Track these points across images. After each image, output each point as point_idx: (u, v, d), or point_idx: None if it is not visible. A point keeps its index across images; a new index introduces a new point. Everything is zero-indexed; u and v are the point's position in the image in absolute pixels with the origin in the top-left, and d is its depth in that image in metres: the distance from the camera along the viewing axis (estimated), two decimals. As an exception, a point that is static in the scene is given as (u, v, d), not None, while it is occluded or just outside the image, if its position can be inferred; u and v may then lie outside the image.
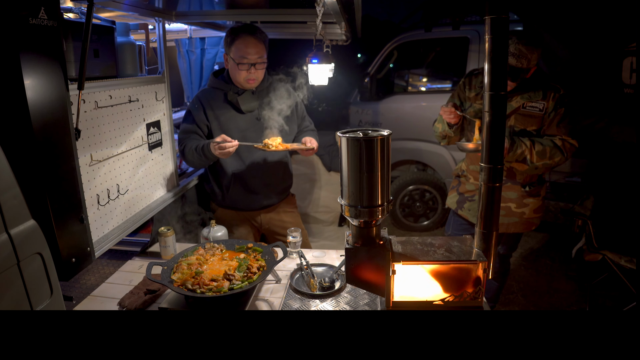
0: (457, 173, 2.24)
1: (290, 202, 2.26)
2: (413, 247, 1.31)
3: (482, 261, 1.22)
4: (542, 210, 2.09)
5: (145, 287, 1.59)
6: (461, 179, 2.19)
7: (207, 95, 2.03)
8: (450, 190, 2.27)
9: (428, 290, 1.29)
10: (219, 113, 1.99)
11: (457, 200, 2.19)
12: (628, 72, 3.09)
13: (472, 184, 2.12)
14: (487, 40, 1.12)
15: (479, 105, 2.01)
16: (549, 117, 1.88)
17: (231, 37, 1.95)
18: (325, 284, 1.60)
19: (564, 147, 1.85)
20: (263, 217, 2.16)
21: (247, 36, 1.92)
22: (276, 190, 2.14)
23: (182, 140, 1.99)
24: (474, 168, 2.10)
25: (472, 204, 2.12)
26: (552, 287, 3.07)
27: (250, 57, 1.91)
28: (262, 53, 1.95)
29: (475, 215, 2.11)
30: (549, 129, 1.90)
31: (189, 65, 4.56)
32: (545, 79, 1.93)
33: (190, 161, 1.96)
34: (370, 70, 4.17)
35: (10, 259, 0.95)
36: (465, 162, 2.18)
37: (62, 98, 1.17)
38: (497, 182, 1.19)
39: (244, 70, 1.93)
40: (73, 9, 1.69)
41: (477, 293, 1.26)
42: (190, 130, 1.99)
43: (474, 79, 2.07)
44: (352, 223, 1.26)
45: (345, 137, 1.16)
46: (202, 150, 1.87)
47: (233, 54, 1.94)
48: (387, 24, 7.55)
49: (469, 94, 2.06)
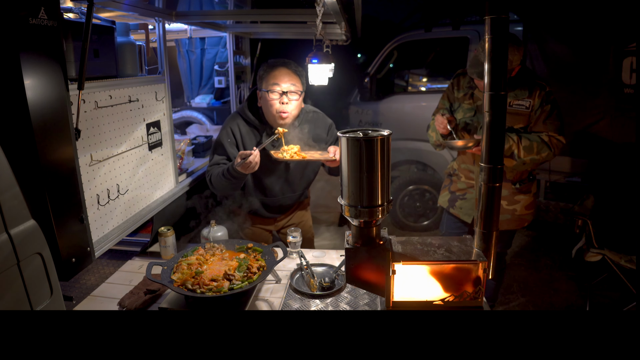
0: (448, 172, 2.26)
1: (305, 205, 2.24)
2: (413, 247, 1.31)
3: (482, 261, 1.22)
4: (533, 206, 2.10)
5: (145, 287, 1.59)
6: (452, 178, 2.21)
7: (241, 130, 1.94)
8: (442, 189, 2.29)
9: (428, 290, 1.29)
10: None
11: (448, 199, 2.21)
12: (628, 72, 3.09)
13: (463, 182, 2.14)
14: (487, 40, 1.12)
15: (467, 105, 2.02)
16: (536, 115, 1.91)
17: (264, 69, 1.87)
18: (326, 284, 1.60)
19: (550, 143, 1.88)
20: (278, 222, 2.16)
21: (281, 67, 1.84)
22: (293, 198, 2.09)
23: (209, 170, 1.93)
24: (465, 167, 2.12)
25: (463, 202, 2.14)
26: (552, 287, 3.07)
27: (282, 84, 1.81)
28: (296, 83, 1.84)
29: (466, 213, 2.12)
30: (535, 126, 1.92)
31: (189, 65, 4.57)
32: (530, 77, 1.95)
33: (220, 188, 1.88)
34: (370, 70, 4.16)
35: (10, 259, 0.95)
36: (456, 161, 2.20)
37: (62, 98, 1.17)
38: (497, 182, 1.19)
39: (275, 99, 1.82)
40: (73, 9, 1.69)
41: (477, 293, 1.26)
42: (220, 162, 1.92)
43: (461, 79, 2.08)
44: (352, 223, 1.26)
45: (345, 137, 1.16)
46: (228, 173, 1.79)
47: (265, 85, 1.84)
48: (387, 24, 7.55)
49: (457, 95, 2.08)
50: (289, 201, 2.09)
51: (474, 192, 2.08)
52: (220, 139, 1.94)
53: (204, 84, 4.62)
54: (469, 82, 2.02)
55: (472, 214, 2.10)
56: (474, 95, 2.00)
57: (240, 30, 3.03)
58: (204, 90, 4.63)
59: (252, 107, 1.95)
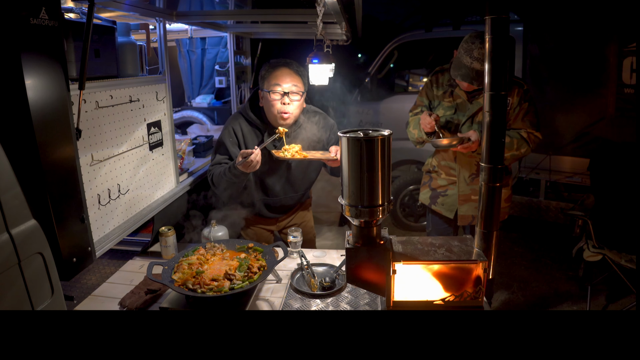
0: (427, 169, 2.27)
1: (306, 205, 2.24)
2: (413, 246, 1.31)
3: (482, 261, 1.22)
4: (510, 199, 2.16)
5: (146, 287, 1.59)
6: (432, 175, 2.21)
7: (243, 130, 1.94)
8: (422, 186, 2.30)
9: (428, 290, 1.29)
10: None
11: (430, 196, 2.21)
12: (628, 72, 3.09)
13: (443, 179, 2.15)
14: (487, 40, 1.12)
15: (448, 103, 2.03)
16: (514, 112, 1.93)
17: (266, 69, 1.87)
18: (326, 283, 1.60)
19: (529, 139, 1.92)
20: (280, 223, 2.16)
21: (282, 67, 1.84)
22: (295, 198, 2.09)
23: (210, 170, 1.93)
24: (445, 164, 2.12)
25: (445, 198, 2.14)
26: (552, 287, 3.07)
27: (283, 84, 1.81)
28: (298, 83, 1.84)
29: (448, 209, 2.13)
30: (514, 123, 1.95)
31: (190, 65, 4.58)
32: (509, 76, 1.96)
33: (222, 187, 1.87)
34: (370, 70, 4.16)
35: (12, 259, 0.96)
36: (435, 158, 2.20)
37: (63, 98, 1.17)
38: (497, 181, 1.19)
39: (276, 100, 1.81)
40: (74, 9, 1.69)
41: (477, 293, 1.26)
42: (222, 161, 1.92)
43: (440, 76, 2.08)
44: (353, 223, 1.26)
45: (346, 137, 1.16)
46: (229, 172, 1.79)
47: (266, 85, 1.84)
48: (387, 24, 7.54)
49: (437, 92, 2.07)
50: (290, 201, 2.08)
51: (455, 188, 2.10)
52: (222, 139, 1.94)
53: (205, 84, 4.62)
54: (449, 80, 2.03)
55: (454, 209, 2.11)
56: (453, 93, 2.01)
57: (240, 30, 3.03)
58: (204, 90, 4.63)
59: (254, 107, 1.95)
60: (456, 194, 2.09)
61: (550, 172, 3.52)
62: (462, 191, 2.07)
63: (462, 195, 2.07)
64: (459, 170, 2.06)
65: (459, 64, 1.85)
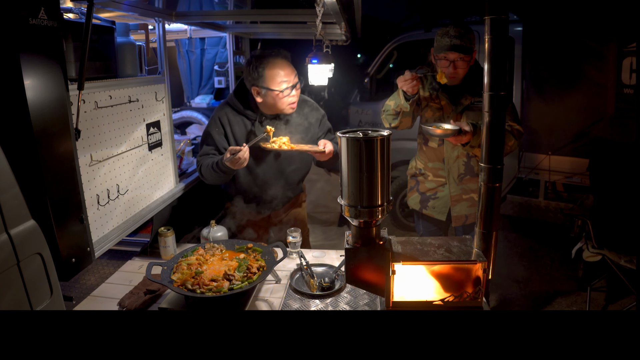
0: (412, 173, 2.21)
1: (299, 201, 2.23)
2: (413, 247, 1.31)
3: (481, 261, 1.22)
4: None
5: (145, 287, 1.59)
6: (419, 178, 2.16)
7: (230, 118, 1.95)
8: (409, 191, 2.23)
9: (428, 290, 1.29)
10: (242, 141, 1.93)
11: (419, 200, 2.17)
12: (627, 73, 3.09)
13: (431, 181, 2.11)
14: (487, 40, 1.12)
15: (436, 105, 2.01)
16: None
17: (256, 65, 1.82)
18: (325, 284, 1.60)
19: (513, 132, 1.89)
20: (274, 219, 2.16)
21: (275, 59, 1.81)
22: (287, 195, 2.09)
23: (199, 161, 1.95)
24: (432, 165, 2.09)
25: (435, 201, 2.11)
26: (552, 287, 3.07)
27: (290, 78, 1.82)
28: (294, 70, 1.86)
29: (440, 211, 2.10)
30: None
31: (189, 65, 4.57)
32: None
33: (210, 180, 1.92)
34: (370, 71, 4.16)
35: (10, 259, 0.95)
36: (420, 160, 2.16)
37: (62, 98, 1.17)
38: (497, 182, 1.19)
39: (287, 96, 1.83)
40: (73, 9, 1.69)
41: (477, 293, 1.26)
42: (209, 152, 1.94)
43: (424, 79, 2.03)
44: (352, 223, 1.26)
45: (345, 137, 1.16)
46: (217, 167, 1.82)
47: (268, 83, 1.81)
48: (387, 24, 7.55)
49: (423, 94, 2.03)
50: (282, 195, 2.07)
51: (445, 189, 2.07)
52: (208, 129, 1.96)
53: (204, 84, 4.62)
54: (431, 83, 2.01)
55: (446, 211, 2.09)
56: (439, 96, 1.99)
57: (240, 30, 3.03)
58: (203, 91, 4.63)
59: (240, 95, 1.96)
60: (447, 196, 2.07)
61: (550, 172, 3.52)
62: (453, 192, 2.05)
63: (454, 196, 2.05)
64: (448, 171, 2.04)
65: (440, 45, 1.85)
